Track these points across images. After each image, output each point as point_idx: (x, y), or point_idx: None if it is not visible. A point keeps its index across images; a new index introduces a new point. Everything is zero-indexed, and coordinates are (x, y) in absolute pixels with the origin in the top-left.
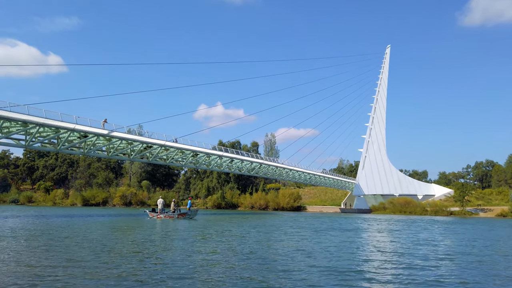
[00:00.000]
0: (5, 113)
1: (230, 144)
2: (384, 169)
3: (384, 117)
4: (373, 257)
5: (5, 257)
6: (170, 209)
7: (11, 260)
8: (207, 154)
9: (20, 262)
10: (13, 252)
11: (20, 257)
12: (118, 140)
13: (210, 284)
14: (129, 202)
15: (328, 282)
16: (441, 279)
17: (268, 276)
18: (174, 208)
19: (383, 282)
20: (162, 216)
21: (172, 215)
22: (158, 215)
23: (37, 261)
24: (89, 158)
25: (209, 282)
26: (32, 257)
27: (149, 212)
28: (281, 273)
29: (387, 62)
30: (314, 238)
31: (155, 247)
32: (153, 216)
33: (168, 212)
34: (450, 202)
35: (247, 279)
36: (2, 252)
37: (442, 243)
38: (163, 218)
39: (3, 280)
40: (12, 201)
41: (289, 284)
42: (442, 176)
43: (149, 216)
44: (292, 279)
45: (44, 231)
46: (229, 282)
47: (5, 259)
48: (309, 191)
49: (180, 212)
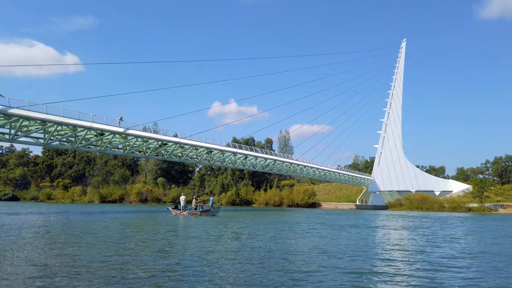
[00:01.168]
0: (24, 112)
1: (244, 141)
2: (400, 165)
3: (400, 112)
4: (405, 258)
5: (60, 251)
6: (192, 205)
7: (63, 254)
8: (221, 151)
9: (62, 256)
10: (60, 245)
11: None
12: (134, 137)
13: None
14: (145, 199)
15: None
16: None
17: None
18: (196, 204)
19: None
20: (185, 213)
21: (195, 212)
22: (181, 212)
23: (81, 257)
24: (105, 156)
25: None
26: (75, 253)
27: (172, 209)
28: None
29: (403, 56)
30: (343, 236)
31: (193, 246)
32: (176, 213)
33: (191, 209)
34: (469, 198)
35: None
36: (55, 246)
37: (471, 240)
38: (186, 215)
39: (50, 271)
40: (32, 198)
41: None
42: (460, 171)
43: (172, 213)
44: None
45: (86, 228)
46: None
47: (62, 253)
48: (323, 187)
49: (202, 209)
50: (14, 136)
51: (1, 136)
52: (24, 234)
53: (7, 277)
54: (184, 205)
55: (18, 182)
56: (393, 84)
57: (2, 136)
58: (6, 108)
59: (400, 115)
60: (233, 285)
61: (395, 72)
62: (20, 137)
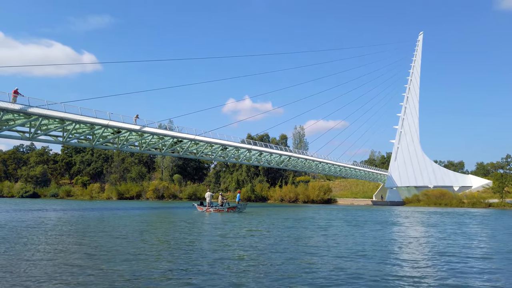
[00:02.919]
0: (43, 111)
1: (258, 137)
2: (417, 160)
3: (417, 106)
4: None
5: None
6: (218, 202)
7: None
8: (236, 148)
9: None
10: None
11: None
12: (150, 135)
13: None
14: (162, 196)
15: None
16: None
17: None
18: (222, 201)
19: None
20: (211, 210)
21: (222, 208)
22: (207, 208)
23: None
24: (122, 153)
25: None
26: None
27: (198, 206)
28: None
29: (420, 49)
30: (368, 234)
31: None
32: (202, 210)
33: (217, 205)
34: (489, 193)
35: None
36: (87, 240)
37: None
38: (212, 211)
39: (81, 264)
40: (52, 195)
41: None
42: (480, 166)
43: (197, 210)
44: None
45: (118, 225)
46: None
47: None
48: (339, 183)
49: (229, 205)
50: (34, 135)
51: (22, 134)
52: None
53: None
54: (210, 201)
55: (39, 180)
56: (409, 78)
57: (23, 134)
58: (26, 107)
59: (417, 109)
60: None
61: (412, 65)
62: (40, 135)
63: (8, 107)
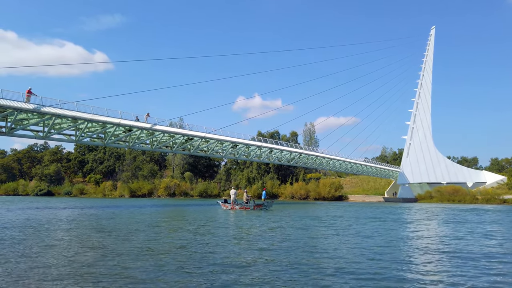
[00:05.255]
0: (56, 110)
1: (269, 134)
2: (430, 156)
3: (429, 102)
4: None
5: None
6: (243, 200)
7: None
8: (246, 145)
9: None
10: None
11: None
12: (161, 133)
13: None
14: (173, 193)
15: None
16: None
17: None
18: (247, 198)
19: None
20: (237, 208)
21: (247, 206)
22: (233, 206)
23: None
24: (134, 152)
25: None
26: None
27: (222, 204)
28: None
29: (432, 44)
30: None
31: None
32: (227, 208)
33: (242, 203)
34: (503, 189)
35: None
36: (102, 236)
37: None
38: (238, 209)
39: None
40: (66, 193)
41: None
42: (494, 162)
43: (222, 208)
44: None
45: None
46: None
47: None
48: (350, 180)
49: (255, 203)
50: (48, 134)
51: (36, 134)
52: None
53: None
54: (235, 198)
55: (53, 178)
56: (422, 73)
57: (37, 134)
58: (40, 107)
59: (430, 105)
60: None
61: (424, 60)
62: (53, 134)
63: (22, 106)
